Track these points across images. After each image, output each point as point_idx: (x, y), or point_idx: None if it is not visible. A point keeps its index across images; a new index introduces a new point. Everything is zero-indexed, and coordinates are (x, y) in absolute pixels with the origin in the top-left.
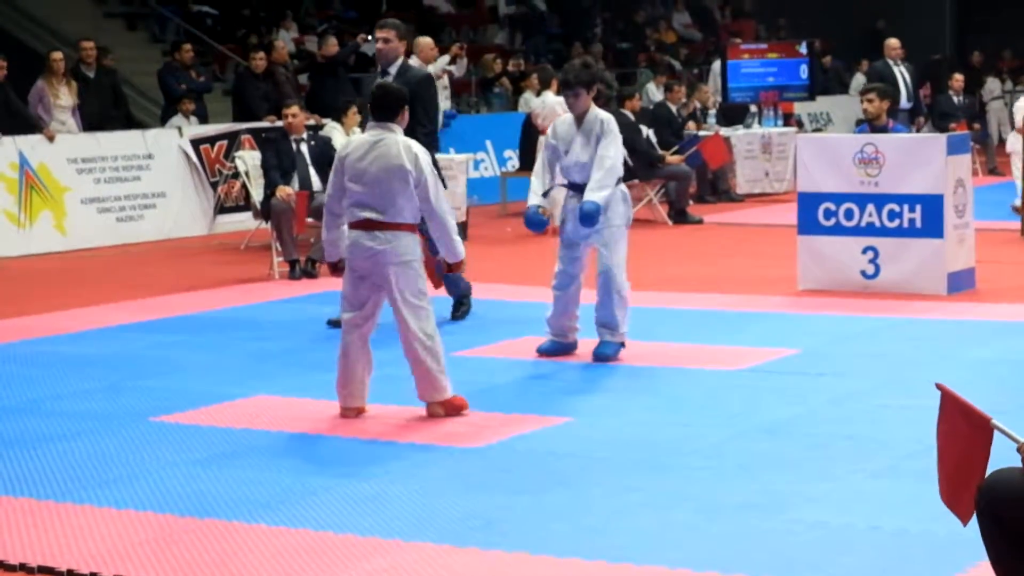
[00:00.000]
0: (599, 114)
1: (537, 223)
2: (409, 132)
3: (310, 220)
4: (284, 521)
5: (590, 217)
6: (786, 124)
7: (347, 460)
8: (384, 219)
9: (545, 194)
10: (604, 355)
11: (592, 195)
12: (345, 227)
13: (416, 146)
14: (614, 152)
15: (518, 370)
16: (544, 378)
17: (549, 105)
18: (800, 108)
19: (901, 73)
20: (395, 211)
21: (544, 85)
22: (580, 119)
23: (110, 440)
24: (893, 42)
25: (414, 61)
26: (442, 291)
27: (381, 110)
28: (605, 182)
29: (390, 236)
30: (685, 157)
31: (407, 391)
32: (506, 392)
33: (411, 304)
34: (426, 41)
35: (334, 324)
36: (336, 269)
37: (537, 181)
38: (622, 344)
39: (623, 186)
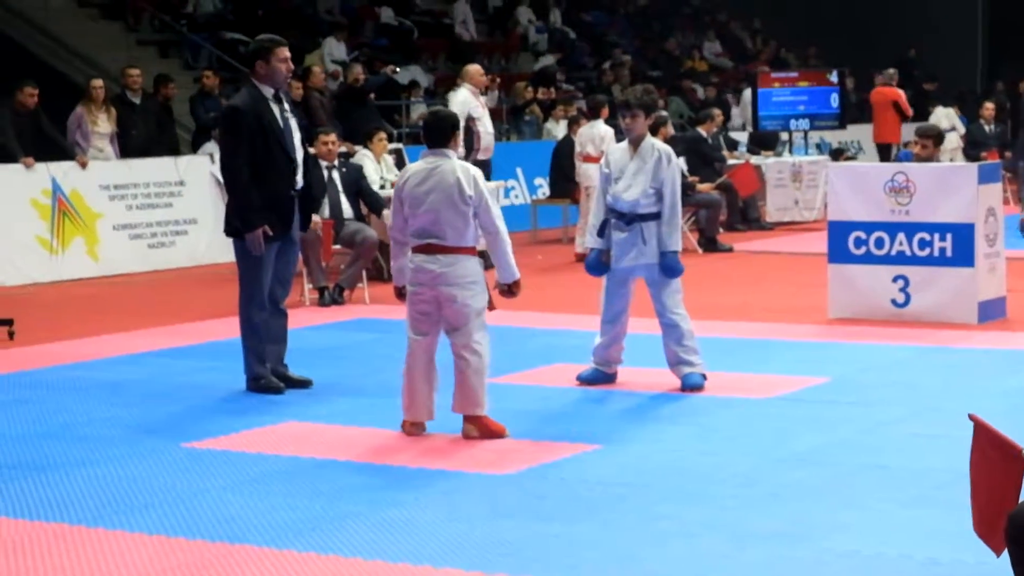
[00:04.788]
0: (656, 143)
1: (599, 269)
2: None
3: (337, 247)
4: (314, 547)
5: (672, 269)
6: (836, 156)
7: (377, 486)
8: (446, 243)
9: (602, 231)
10: (694, 384)
11: (670, 246)
12: (409, 253)
13: (472, 168)
14: (679, 192)
15: (548, 397)
16: (575, 405)
17: (598, 134)
18: (830, 136)
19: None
20: (456, 235)
21: (594, 113)
22: (636, 145)
23: (141, 465)
24: None
25: (466, 89)
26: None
27: (434, 136)
28: (674, 224)
29: (452, 259)
30: (715, 185)
31: (440, 417)
32: (537, 419)
33: (466, 323)
34: (475, 68)
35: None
36: (401, 295)
37: (594, 217)
38: (704, 375)
39: None
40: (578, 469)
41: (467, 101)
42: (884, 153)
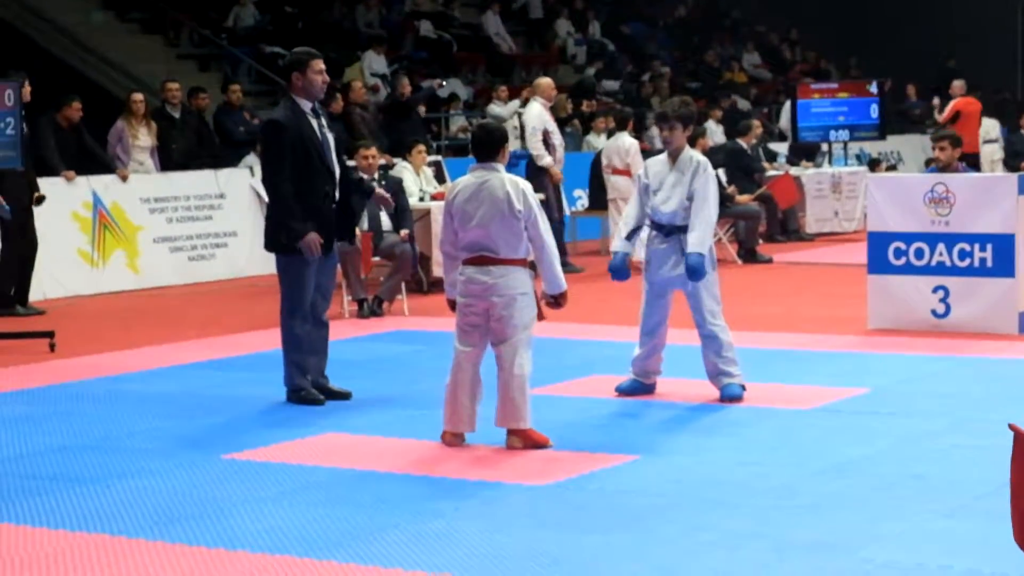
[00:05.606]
0: (694, 155)
1: (622, 273)
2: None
3: (376, 259)
4: (354, 558)
5: (696, 271)
6: (873, 166)
7: (417, 497)
8: (498, 256)
9: (631, 235)
10: (733, 395)
11: (695, 247)
12: (460, 265)
13: (521, 181)
14: (713, 199)
15: (586, 408)
16: (613, 416)
17: (623, 146)
18: (870, 147)
19: None
20: (508, 248)
21: (620, 126)
22: (674, 157)
23: (182, 477)
24: None
25: (538, 101)
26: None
27: (484, 149)
28: (705, 231)
29: (504, 271)
30: (755, 196)
31: (478, 427)
32: (575, 430)
33: (513, 335)
34: (547, 82)
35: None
36: (455, 307)
37: (624, 223)
38: (743, 386)
39: None
40: (617, 480)
41: (542, 115)
42: (975, 163)
